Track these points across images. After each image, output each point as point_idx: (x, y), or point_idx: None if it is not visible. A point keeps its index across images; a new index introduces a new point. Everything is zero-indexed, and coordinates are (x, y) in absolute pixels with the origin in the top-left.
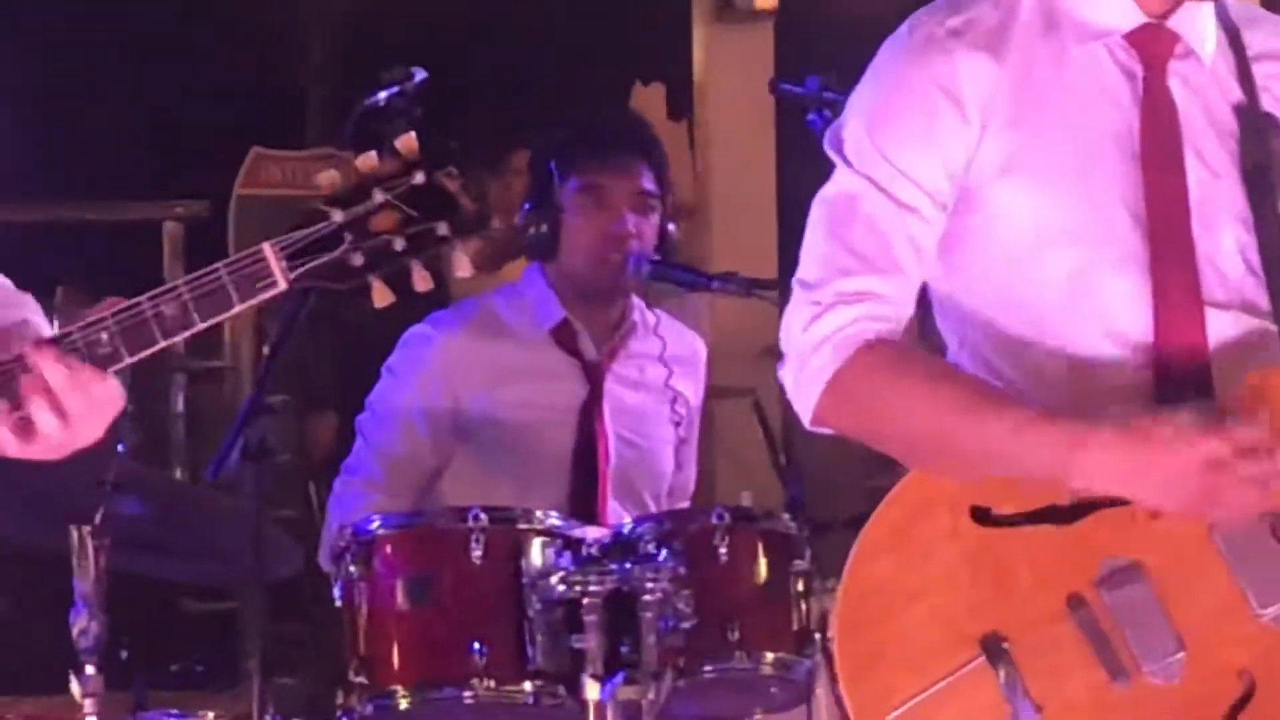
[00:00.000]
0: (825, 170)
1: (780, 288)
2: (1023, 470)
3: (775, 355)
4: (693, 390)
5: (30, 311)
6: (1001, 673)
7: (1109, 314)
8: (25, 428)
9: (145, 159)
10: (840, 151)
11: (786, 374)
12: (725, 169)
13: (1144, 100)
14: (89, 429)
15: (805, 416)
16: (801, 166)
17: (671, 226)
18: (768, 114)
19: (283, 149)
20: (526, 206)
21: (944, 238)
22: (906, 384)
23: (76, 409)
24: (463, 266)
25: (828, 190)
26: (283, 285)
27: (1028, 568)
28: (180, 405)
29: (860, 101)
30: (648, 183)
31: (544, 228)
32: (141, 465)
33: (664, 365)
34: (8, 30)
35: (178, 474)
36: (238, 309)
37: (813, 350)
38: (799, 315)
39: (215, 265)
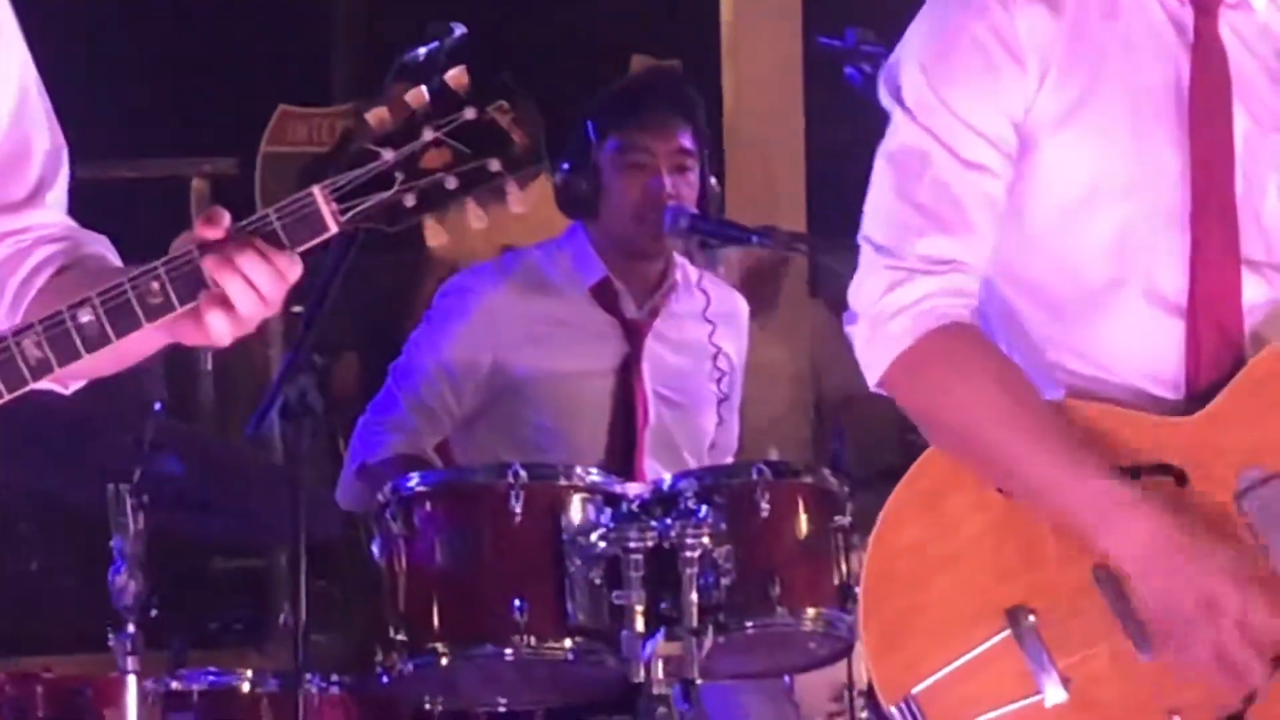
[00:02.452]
0: (855, 123)
1: (808, 241)
2: (1059, 514)
3: (804, 309)
4: (735, 348)
5: (106, 248)
6: (1027, 645)
7: (1149, 273)
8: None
9: (172, 116)
10: (900, 101)
11: (857, 334)
12: (753, 123)
13: (1195, 49)
14: (275, 302)
15: (872, 379)
16: (830, 120)
17: (713, 181)
18: (796, 67)
19: (309, 106)
20: (565, 166)
21: None
22: (974, 384)
23: (266, 284)
24: (477, 217)
25: (892, 145)
26: (334, 229)
27: (1053, 538)
28: (209, 363)
29: (917, 50)
30: (686, 141)
31: (583, 187)
32: (179, 423)
33: (707, 322)
34: None
35: (209, 431)
36: (291, 254)
37: (890, 317)
38: (875, 279)
39: (265, 211)
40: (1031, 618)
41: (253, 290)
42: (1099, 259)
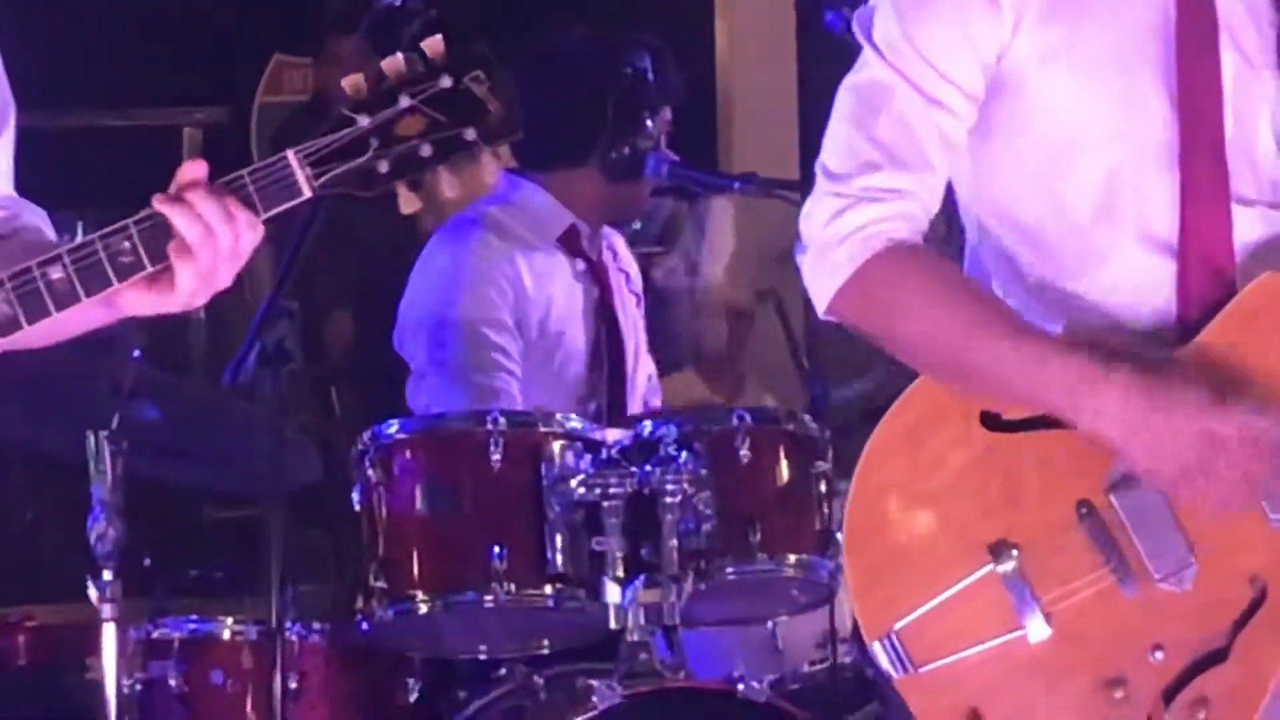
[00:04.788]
0: (846, 69)
1: (801, 189)
2: (1034, 400)
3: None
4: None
5: (43, 221)
6: (1010, 580)
7: (1140, 212)
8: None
9: (165, 65)
10: (870, 38)
11: (805, 262)
12: (746, 70)
13: None
14: (231, 260)
15: (820, 305)
16: (822, 67)
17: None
18: (788, 17)
19: (304, 55)
20: None
21: (979, 124)
22: (929, 293)
23: (225, 236)
24: (450, 185)
25: (857, 78)
26: (307, 193)
27: (1037, 474)
28: (201, 310)
29: None
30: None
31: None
32: (159, 371)
33: (621, 270)
34: None
35: (198, 380)
36: (263, 218)
37: (837, 243)
38: (823, 206)
39: (240, 173)
40: (1014, 553)
41: (211, 240)
42: (1089, 199)
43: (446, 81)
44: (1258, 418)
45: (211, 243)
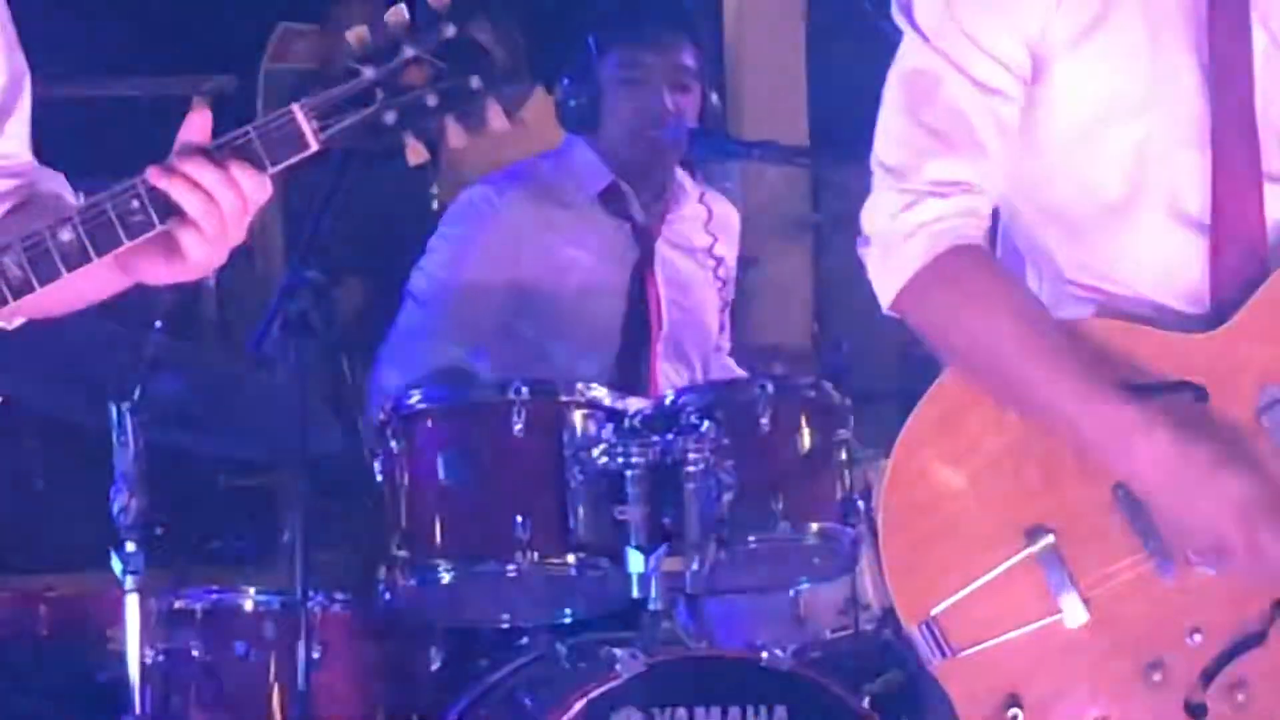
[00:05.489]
0: (854, 37)
1: (811, 156)
2: (1073, 438)
3: (805, 224)
4: (732, 257)
5: (61, 186)
6: (1047, 564)
7: (1170, 190)
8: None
9: (171, 33)
10: (912, 21)
11: (869, 257)
12: (755, 38)
13: None
14: (239, 220)
15: (885, 301)
16: (831, 35)
17: (714, 97)
18: None
19: (309, 23)
20: (564, 80)
21: None
22: (987, 306)
23: (228, 200)
24: (456, 135)
25: (903, 66)
26: (314, 146)
27: (1073, 458)
28: (212, 280)
29: None
30: (688, 59)
31: (583, 101)
32: (177, 341)
33: (709, 233)
34: None
35: (211, 350)
36: (270, 172)
37: (904, 239)
38: (886, 200)
39: (245, 129)
40: (1051, 537)
41: (213, 206)
42: (1118, 176)
43: (450, 30)
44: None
45: (214, 209)
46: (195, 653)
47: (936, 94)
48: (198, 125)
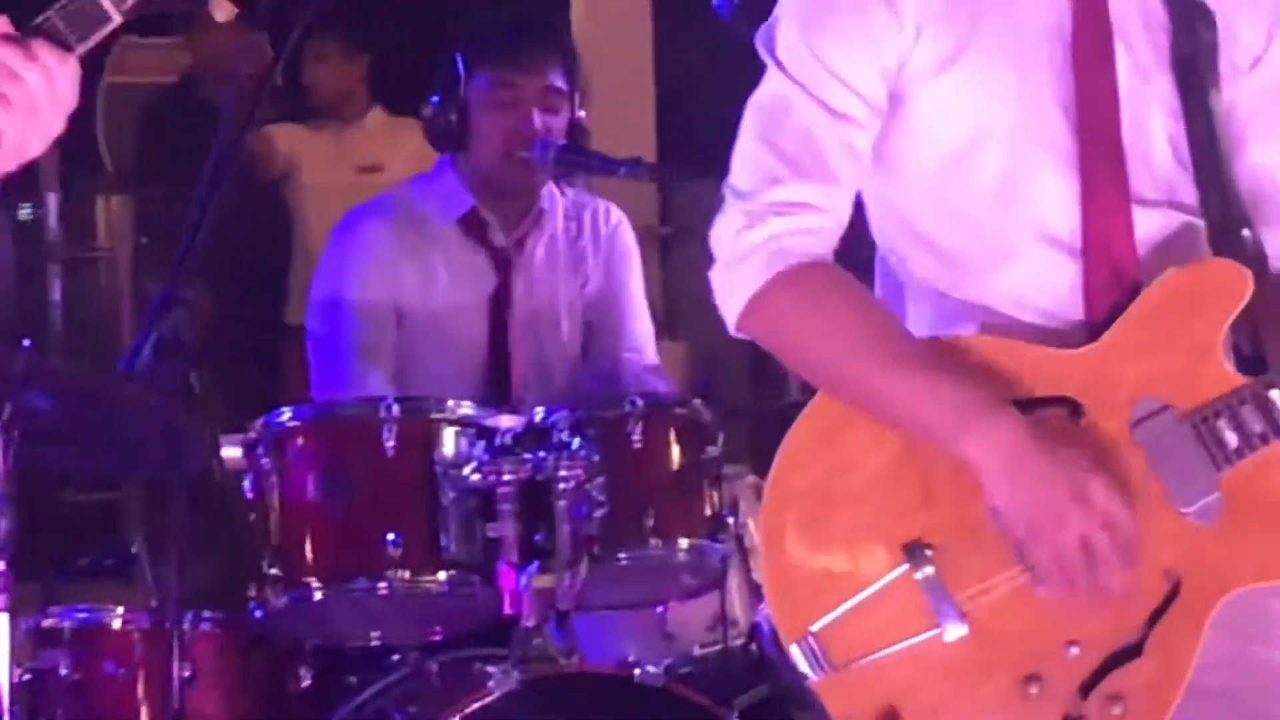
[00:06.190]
0: (703, 49)
1: (677, 173)
2: (923, 431)
3: (653, 236)
4: (621, 267)
5: None
6: (925, 580)
7: (1039, 215)
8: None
9: None
10: (772, 53)
11: (715, 277)
12: (602, 53)
13: None
14: (56, 115)
15: (730, 322)
16: (679, 50)
17: (582, 114)
18: None
19: (150, 37)
20: (433, 100)
21: (879, 136)
22: (829, 316)
23: (37, 81)
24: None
25: (761, 95)
26: (117, 18)
27: (950, 474)
28: (57, 294)
29: (795, 3)
30: (557, 80)
31: (451, 121)
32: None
33: (577, 251)
34: None
35: (84, 367)
36: (77, 51)
37: (743, 259)
38: (731, 221)
39: (46, 13)
40: (929, 553)
41: (19, 83)
42: (988, 203)
43: None
44: (1124, 509)
45: (20, 86)
46: (64, 672)
47: (788, 119)
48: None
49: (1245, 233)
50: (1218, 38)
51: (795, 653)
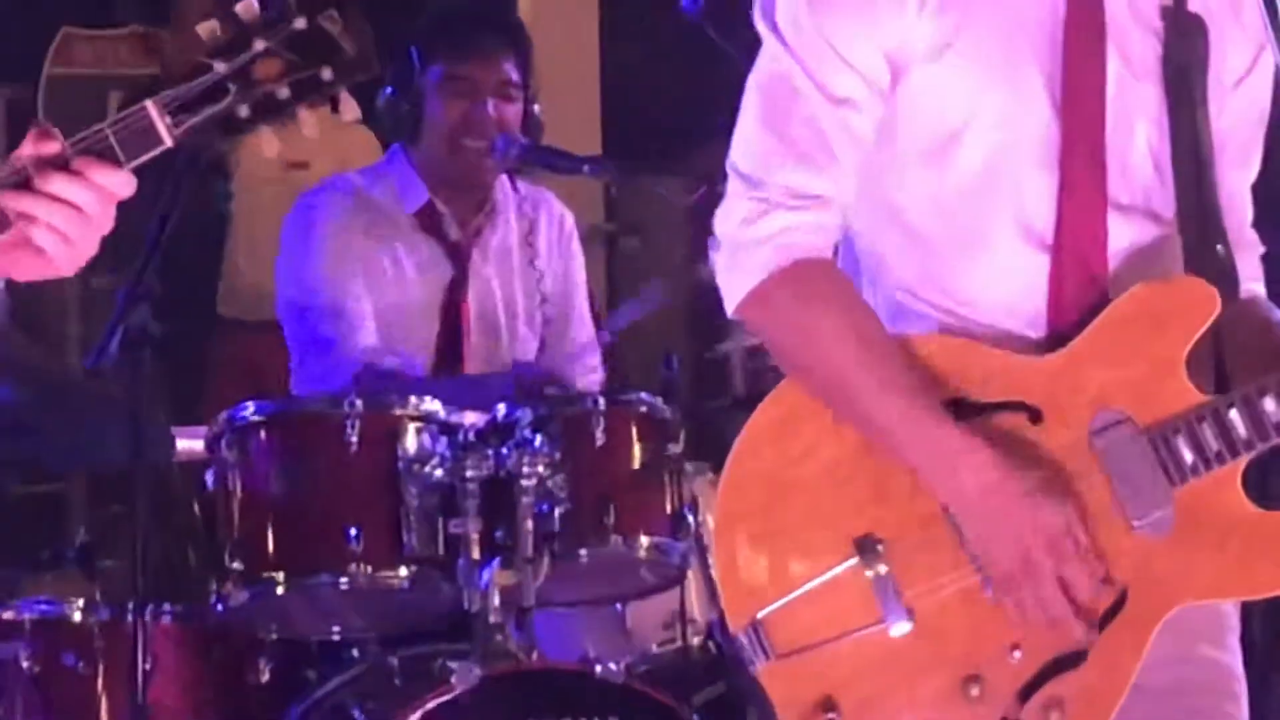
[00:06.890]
0: (648, 45)
1: (603, 165)
2: (899, 455)
3: (598, 233)
4: (565, 265)
5: None
6: (874, 574)
7: (1019, 203)
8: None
9: None
10: (773, 24)
11: (719, 260)
12: (548, 47)
13: None
14: (107, 218)
15: (729, 306)
16: (625, 45)
17: (536, 107)
18: None
19: (93, 27)
20: (388, 90)
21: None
22: (825, 323)
23: (90, 203)
24: (310, 125)
25: (762, 72)
26: (169, 142)
27: (906, 470)
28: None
29: None
30: (512, 72)
31: (405, 111)
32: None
33: (530, 246)
34: None
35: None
36: (127, 169)
37: (751, 247)
38: (738, 208)
39: (99, 126)
40: (879, 547)
41: (80, 215)
42: (970, 190)
43: (300, 23)
44: (1082, 531)
45: (81, 218)
46: (24, 664)
47: (792, 104)
48: (44, 142)
49: (1220, 249)
50: (1209, 52)
51: (741, 640)
